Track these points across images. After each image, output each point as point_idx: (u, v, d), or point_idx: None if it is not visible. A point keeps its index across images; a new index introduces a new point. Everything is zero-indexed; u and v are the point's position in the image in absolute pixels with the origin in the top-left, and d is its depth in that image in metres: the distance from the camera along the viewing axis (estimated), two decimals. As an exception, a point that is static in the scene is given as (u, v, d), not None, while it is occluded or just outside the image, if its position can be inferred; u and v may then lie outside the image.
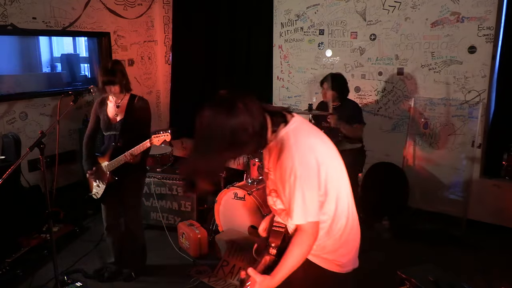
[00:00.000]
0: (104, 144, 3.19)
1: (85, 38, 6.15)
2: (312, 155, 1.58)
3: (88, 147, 3.18)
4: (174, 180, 4.08)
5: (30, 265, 3.45)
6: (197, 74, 5.83)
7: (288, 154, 1.56)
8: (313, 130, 1.72)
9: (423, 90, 4.25)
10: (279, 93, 5.23)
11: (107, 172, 3.09)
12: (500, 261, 3.54)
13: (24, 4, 4.50)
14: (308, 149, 1.59)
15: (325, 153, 1.65)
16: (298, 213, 1.57)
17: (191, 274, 3.38)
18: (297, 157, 1.55)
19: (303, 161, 1.55)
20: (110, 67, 2.94)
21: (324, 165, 1.60)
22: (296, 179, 1.54)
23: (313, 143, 1.62)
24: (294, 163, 1.54)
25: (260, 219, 3.50)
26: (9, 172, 2.41)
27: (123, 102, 3.10)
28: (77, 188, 5.12)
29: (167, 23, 6.11)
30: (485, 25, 3.82)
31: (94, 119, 3.17)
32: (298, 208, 1.56)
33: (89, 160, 3.14)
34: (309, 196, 1.56)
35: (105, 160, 3.12)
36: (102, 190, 3.15)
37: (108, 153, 3.09)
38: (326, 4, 4.67)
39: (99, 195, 3.19)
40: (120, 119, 3.08)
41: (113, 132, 3.10)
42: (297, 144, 1.58)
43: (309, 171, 1.56)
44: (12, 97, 4.61)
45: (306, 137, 1.63)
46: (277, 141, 1.62)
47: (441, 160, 4.23)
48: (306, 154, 1.57)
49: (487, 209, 4.09)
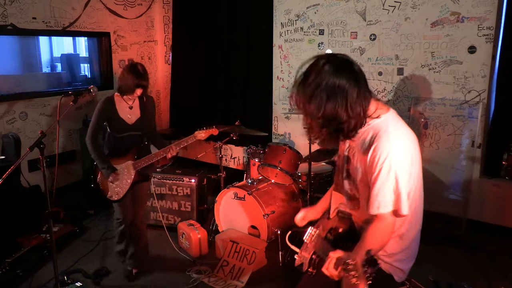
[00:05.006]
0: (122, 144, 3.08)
1: (85, 38, 6.14)
2: (409, 148, 1.56)
3: (98, 149, 3.05)
4: (174, 180, 4.08)
5: (30, 265, 3.45)
6: (197, 74, 5.83)
7: (387, 140, 1.52)
8: (407, 127, 1.67)
9: (423, 90, 4.25)
10: (279, 93, 5.23)
11: (134, 172, 3.06)
12: (500, 261, 3.54)
13: (24, 4, 4.50)
14: (407, 140, 1.56)
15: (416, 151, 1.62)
16: (387, 202, 1.52)
17: (191, 274, 3.38)
18: (396, 145, 1.51)
19: (401, 150, 1.52)
20: (142, 71, 2.95)
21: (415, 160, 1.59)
22: (391, 166, 1.50)
23: (411, 137, 1.60)
24: (392, 150, 1.50)
25: (260, 219, 3.52)
26: (9, 172, 2.41)
27: (135, 102, 3.11)
28: (77, 188, 5.13)
29: (167, 23, 6.11)
30: (485, 25, 3.82)
31: (102, 120, 3.05)
32: (388, 196, 1.52)
33: (107, 163, 3.02)
34: (401, 185, 1.52)
35: (127, 160, 3.07)
36: (124, 190, 3.08)
37: (132, 154, 3.07)
38: (326, 4, 4.67)
39: (120, 195, 3.09)
40: (137, 119, 3.09)
41: (132, 133, 3.08)
42: (396, 132, 1.54)
43: (405, 162, 1.53)
44: (12, 97, 4.62)
45: (405, 128, 1.60)
46: (373, 125, 1.58)
47: (441, 160, 4.22)
48: (405, 144, 1.54)
49: (487, 209, 4.09)
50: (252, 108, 5.44)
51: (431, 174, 4.29)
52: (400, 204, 1.53)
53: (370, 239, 1.54)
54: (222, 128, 4.06)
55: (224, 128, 4.02)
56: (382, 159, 1.50)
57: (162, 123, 6.39)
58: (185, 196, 4.06)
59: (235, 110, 5.52)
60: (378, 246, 1.56)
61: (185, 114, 6.05)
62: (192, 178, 4.04)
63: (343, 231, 1.69)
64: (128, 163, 3.08)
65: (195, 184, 4.03)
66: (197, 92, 5.86)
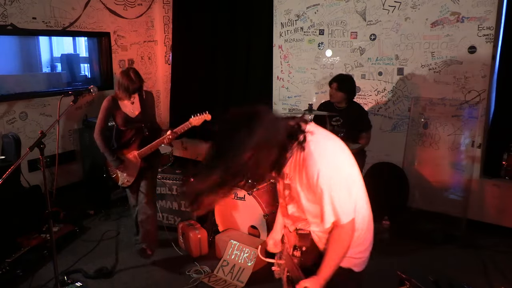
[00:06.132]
0: (125, 137, 3.45)
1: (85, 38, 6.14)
2: (334, 157, 1.63)
3: (106, 144, 3.41)
4: (174, 180, 4.08)
5: (30, 265, 3.45)
6: (197, 74, 5.83)
7: (312, 161, 1.58)
8: (329, 135, 1.75)
9: (423, 90, 4.25)
10: (279, 93, 5.23)
11: (139, 160, 3.42)
12: (500, 261, 3.54)
13: (24, 4, 4.50)
14: (330, 153, 1.63)
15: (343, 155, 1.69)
16: (330, 216, 1.61)
17: (191, 274, 3.38)
18: (321, 162, 1.58)
19: (328, 165, 1.59)
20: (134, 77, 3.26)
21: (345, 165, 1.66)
22: (324, 183, 1.57)
23: (332, 146, 1.67)
24: (320, 169, 1.57)
25: (260, 219, 3.52)
26: (9, 172, 2.41)
27: (136, 98, 3.41)
28: (77, 188, 5.13)
29: (167, 23, 6.11)
30: (485, 25, 3.82)
31: (107, 117, 3.39)
32: (330, 211, 1.60)
33: (114, 156, 3.40)
34: (341, 197, 1.60)
35: (132, 150, 3.43)
36: (133, 177, 3.48)
37: (136, 143, 3.43)
38: (326, 4, 4.67)
39: (130, 182, 3.51)
40: (138, 113, 3.42)
41: (136, 125, 3.43)
42: (318, 149, 1.60)
43: (335, 173, 1.60)
44: (12, 97, 4.61)
45: (325, 141, 1.67)
46: (298, 150, 1.62)
47: (441, 160, 4.22)
48: (329, 157, 1.61)
49: (487, 209, 4.09)
50: (252, 108, 5.43)
51: (431, 174, 4.29)
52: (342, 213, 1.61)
53: (331, 251, 1.65)
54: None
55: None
56: (315, 179, 1.58)
57: (162, 123, 6.39)
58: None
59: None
60: (342, 254, 1.65)
61: (185, 114, 6.00)
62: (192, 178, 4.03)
63: (306, 249, 1.75)
64: (133, 152, 3.43)
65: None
66: (197, 92, 5.86)
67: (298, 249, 1.75)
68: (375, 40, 4.42)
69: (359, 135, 3.84)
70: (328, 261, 1.64)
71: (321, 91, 4.83)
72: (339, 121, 3.87)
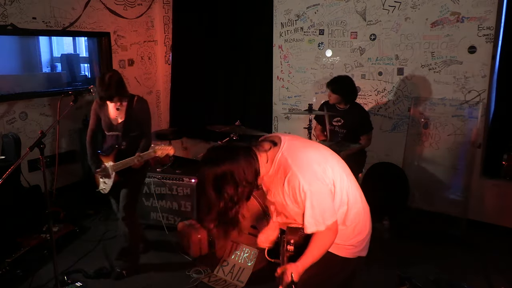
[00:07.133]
0: (107, 143, 3.25)
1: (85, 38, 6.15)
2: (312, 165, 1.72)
3: (91, 145, 3.27)
4: (174, 180, 4.07)
5: (30, 265, 3.45)
6: (197, 74, 5.83)
7: (292, 175, 1.69)
8: (304, 142, 1.85)
9: (423, 90, 4.25)
10: (279, 93, 5.23)
11: (113, 172, 3.14)
12: (500, 261, 3.54)
13: (24, 4, 4.50)
14: (306, 162, 1.72)
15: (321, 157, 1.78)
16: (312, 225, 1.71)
17: (191, 274, 3.38)
18: (300, 174, 1.68)
19: (307, 176, 1.69)
20: (107, 81, 2.97)
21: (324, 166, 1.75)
22: (306, 195, 1.67)
23: (309, 154, 1.76)
24: (300, 181, 1.67)
25: (260, 219, 3.51)
26: (9, 172, 2.41)
27: (123, 104, 3.15)
28: (77, 188, 5.13)
29: (167, 23, 6.11)
30: (485, 25, 3.82)
31: (95, 119, 3.24)
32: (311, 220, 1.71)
33: (95, 159, 3.22)
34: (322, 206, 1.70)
35: (109, 160, 3.15)
36: (109, 186, 3.20)
37: (113, 154, 3.14)
38: (326, 4, 4.67)
39: (107, 190, 3.24)
40: (121, 121, 3.15)
41: (115, 133, 3.18)
42: (295, 162, 1.71)
43: (316, 183, 1.69)
44: (12, 97, 4.61)
45: (301, 151, 1.76)
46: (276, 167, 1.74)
47: (441, 160, 4.22)
48: (307, 167, 1.71)
49: (487, 209, 4.09)
50: (252, 108, 5.44)
51: (431, 174, 4.29)
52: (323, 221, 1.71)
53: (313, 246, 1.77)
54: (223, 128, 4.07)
55: (224, 128, 4.03)
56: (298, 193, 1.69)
57: (162, 123, 6.39)
58: (185, 196, 4.06)
59: (235, 110, 5.51)
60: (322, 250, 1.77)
61: (185, 114, 6.05)
62: (192, 178, 4.04)
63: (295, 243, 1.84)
64: (109, 163, 3.16)
65: (195, 184, 4.03)
66: (197, 92, 5.86)
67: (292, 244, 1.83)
68: (375, 40, 4.42)
69: (359, 137, 3.84)
70: (309, 253, 1.75)
71: (321, 91, 4.83)
72: (340, 121, 3.87)
